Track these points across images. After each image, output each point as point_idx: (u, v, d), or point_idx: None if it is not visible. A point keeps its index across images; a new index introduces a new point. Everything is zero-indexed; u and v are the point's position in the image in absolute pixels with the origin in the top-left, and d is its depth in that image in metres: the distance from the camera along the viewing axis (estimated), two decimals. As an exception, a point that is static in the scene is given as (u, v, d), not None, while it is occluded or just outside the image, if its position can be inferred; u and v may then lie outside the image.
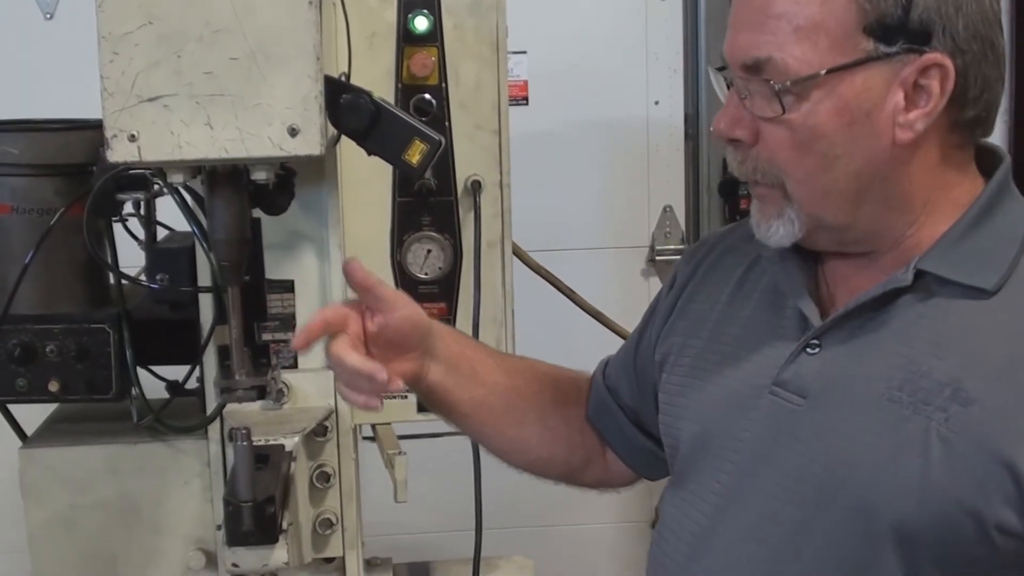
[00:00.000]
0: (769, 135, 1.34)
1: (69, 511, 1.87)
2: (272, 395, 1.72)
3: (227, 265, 1.59)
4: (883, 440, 1.29)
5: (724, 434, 1.45)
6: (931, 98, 1.30)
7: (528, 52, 3.33)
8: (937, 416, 1.27)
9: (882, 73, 1.30)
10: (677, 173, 3.56)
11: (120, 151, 1.44)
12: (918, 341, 1.32)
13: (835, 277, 1.45)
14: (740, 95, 1.35)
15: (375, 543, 2.18)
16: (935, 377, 1.29)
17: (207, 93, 1.44)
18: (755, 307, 1.50)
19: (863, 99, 1.30)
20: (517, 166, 2.03)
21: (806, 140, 1.32)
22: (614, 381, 1.74)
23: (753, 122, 1.35)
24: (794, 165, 1.34)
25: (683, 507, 1.49)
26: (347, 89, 1.56)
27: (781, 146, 1.33)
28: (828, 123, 1.31)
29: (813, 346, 1.39)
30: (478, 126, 1.97)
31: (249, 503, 1.53)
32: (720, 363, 1.50)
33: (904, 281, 1.33)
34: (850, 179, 1.33)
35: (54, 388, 1.83)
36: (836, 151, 1.32)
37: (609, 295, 3.18)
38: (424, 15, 1.93)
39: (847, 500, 1.31)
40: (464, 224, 1.98)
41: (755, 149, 1.36)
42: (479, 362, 1.65)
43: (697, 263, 1.63)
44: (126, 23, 1.42)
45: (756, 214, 1.41)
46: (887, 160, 1.32)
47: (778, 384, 1.40)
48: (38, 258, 1.81)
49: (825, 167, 1.33)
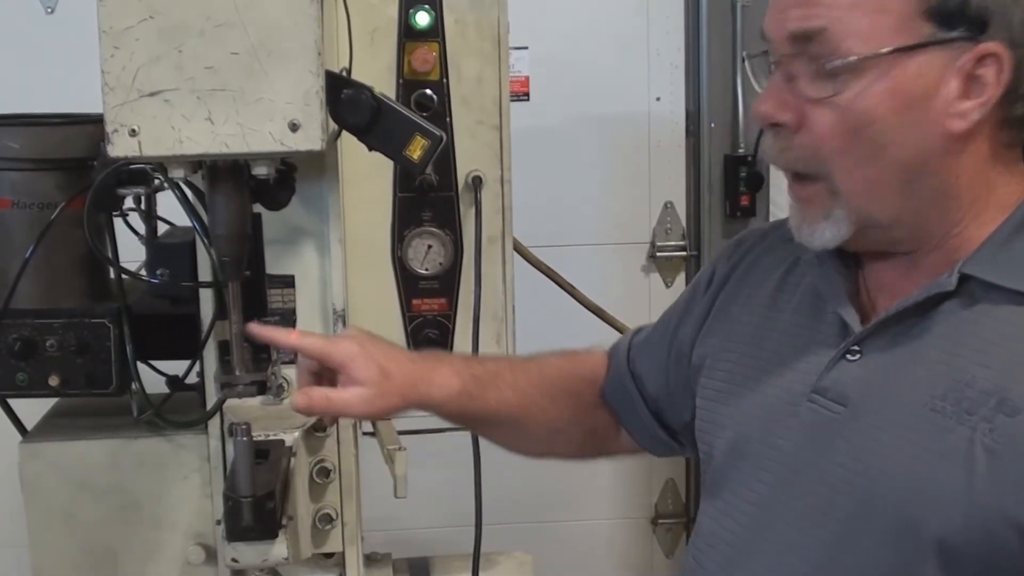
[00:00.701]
0: (816, 119, 1.28)
1: (69, 505, 1.86)
2: (272, 390, 1.72)
3: (228, 260, 1.59)
4: (926, 451, 1.24)
5: (761, 442, 1.41)
6: (986, 89, 1.25)
7: (529, 48, 3.33)
8: (982, 426, 1.21)
9: (939, 59, 1.25)
10: (678, 169, 3.56)
11: (121, 146, 1.44)
12: (962, 348, 1.26)
13: (876, 281, 1.40)
14: (785, 75, 1.30)
15: (375, 538, 2.18)
16: (980, 386, 1.23)
17: (208, 88, 1.43)
18: (794, 312, 1.46)
19: (918, 84, 1.25)
20: (518, 162, 2.03)
21: (856, 125, 1.26)
22: (640, 368, 1.71)
23: (799, 105, 1.29)
24: (842, 153, 1.28)
25: (719, 517, 1.46)
26: (348, 84, 1.55)
27: (829, 132, 1.28)
28: (881, 107, 1.25)
29: (854, 352, 1.34)
30: (479, 122, 1.97)
31: (249, 498, 1.53)
32: (758, 369, 1.46)
33: (948, 286, 1.28)
34: (899, 169, 1.28)
35: (54, 382, 1.82)
36: (887, 138, 1.26)
37: (610, 291, 3.19)
38: (425, 10, 1.93)
39: (888, 513, 1.26)
40: (465, 220, 1.98)
41: (799, 136, 1.30)
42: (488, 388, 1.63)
43: (736, 262, 1.60)
44: (127, 18, 1.42)
45: (797, 217, 1.36)
46: (938, 151, 1.27)
47: (817, 391, 1.36)
48: (38, 252, 1.81)
49: (874, 155, 1.27)
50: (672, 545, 3.72)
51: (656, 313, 3.59)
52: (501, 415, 1.65)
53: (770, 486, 1.39)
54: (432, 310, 2.00)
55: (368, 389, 1.47)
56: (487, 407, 1.62)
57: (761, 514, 1.39)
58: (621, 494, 3.61)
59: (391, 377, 1.50)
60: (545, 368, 1.72)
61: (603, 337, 3.08)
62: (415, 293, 1.99)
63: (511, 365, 1.71)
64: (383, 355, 1.51)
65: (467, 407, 1.60)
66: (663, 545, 3.72)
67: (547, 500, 3.15)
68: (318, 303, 1.84)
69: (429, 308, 2.00)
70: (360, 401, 1.48)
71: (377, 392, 1.48)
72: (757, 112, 1.32)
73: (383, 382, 1.48)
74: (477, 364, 1.68)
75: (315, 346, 1.51)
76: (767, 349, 1.47)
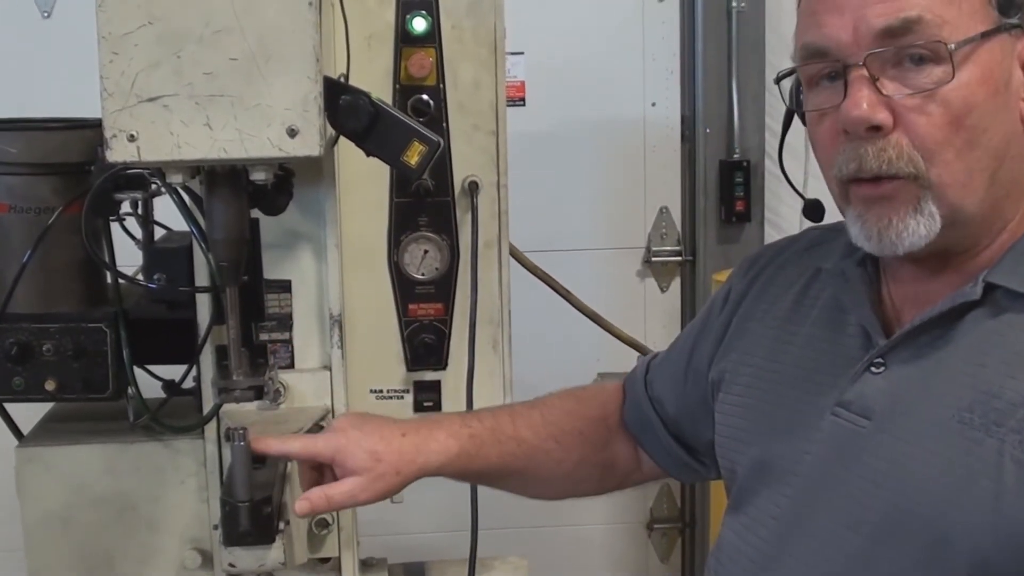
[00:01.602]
0: (917, 114, 1.24)
1: (65, 510, 1.86)
2: (269, 395, 1.72)
3: (225, 265, 1.59)
4: (954, 465, 1.21)
5: (784, 457, 1.39)
6: None
7: (526, 53, 3.34)
8: (1011, 438, 1.18)
9: (1008, 46, 1.26)
10: (673, 174, 3.57)
11: (119, 151, 1.44)
12: (989, 359, 1.24)
13: (902, 291, 1.37)
14: (872, 76, 1.25)
15: (371, 543, 2.18)
16: (1008, 397, 1.20)
17: (206, 93, 1.43)
18: (814, 324, 1.44)
19: (1002, 69, 1.25)
20: (514, 167, 2.03)
21: (960, 113, 1.23)
22: (658, 391, 1.70)
23: (889, 105, 1.25)
24: (946, 144, 1.24)
25: (742, 533, 1.44)
26: (346, 90, 1.56)
27: (933, 124, 1.24)
28: (979, 93, 1.24)
29: (878, 365, 1.32)
30: (476, 127, 1.97)
31: (246, 503, 1.53)
32: (779, 383, 1.44)
33: (972, 295, 1.26)
34: (990, 157, 1.26)
35: (51, 387, 1.82)
36: (984, 123, 1.24)
37: (605, 296, 3.20)
38: (422, 16, 1.93)
39: (917, 530, 1.23)
40: (461, 225, 1.98)
41: (894, 135, 1.25)
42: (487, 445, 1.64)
43: (753, 278, 1.58)
44: (126, 23, 1.42)
45: (878, 219, 1.29)
46: (1018, 137, 1.27)
47: (841, 405, 1.33)
48: (35, 257, 1.81)
49: (973, 144, 1.24)
50: (667, 550, 3.72)
51: (651, 318, 3.60)
52: (507, 469, 1.65)
53: (793, 501, 1.37)
54: (428, 315, 2.00)
55: (362, 477, 1.51)
56: (490, 464, 1.63)
57: (785, 529, 1.37)
58: (616, 499, 3.60)
59: (383, 459, 1.53)
60: (548, 413, 1.72)
61: (599, 342, 3.09)
62: (411, 298, 1.99)
63: (512, 415, 1.70)
64: (371, 438, 1.54)
65: (468, 467, 1.62)
66: (658, 550, 3.72)
67: (542, 505, 3.13)
68: (315, 308, 1.84)
69: (425, 313, 2.00)
70: (359, 490, 1.51)
71: (372, 477, 1.52)
72: (852, 117, 1.26)
73: (375, 466, 1.52)
74: (475, 421, 1.67)
75: (302, 449, 1.55)
76: (786, 363, 1.45)
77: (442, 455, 1.58)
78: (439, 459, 1.57)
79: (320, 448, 1.54)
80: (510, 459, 1.65)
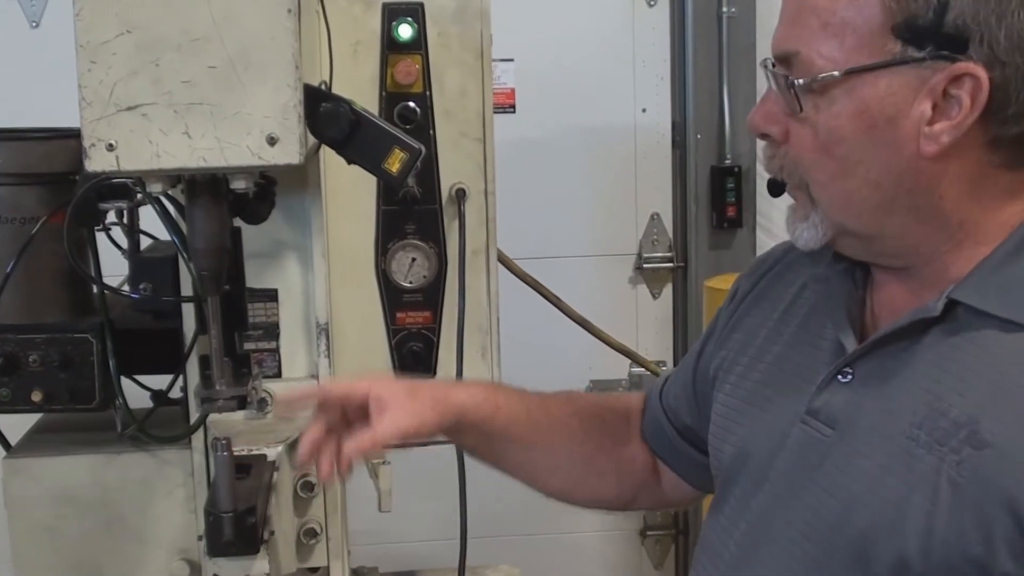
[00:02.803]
0: (795, 134, 1.30)
1: (53, 521, 1.86)
2: (254, 404, 1.71)
3: (207, 275, 1.58)
4: (895, 480, 1.21)
5: (759, 460, 1.40)
6: (960, 110, 1.21)
7: (515, 60, 3.34)
8: (950, 458, 1.18)
9: (908, 79, 1.22)
10: (664, 180, 3.57)
11: (98, 160, 1.43)
12: (944, 375, 1.23)
13: (880, 298, 1.38)
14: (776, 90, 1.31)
15: (361, 552, 2.18)
16: (952, 416, 1.19)
17: (185, 102, 1.43)
18: (799, 327, 1.45)
19: (886, 104, 1.23)
20: (504, 173, 2.02)
21: (827, 142, 1.27)
22: (672, 401, 1.69)
23: (784, 119, 1.31)
24: (816, 168, 1.29)
25: (720, 533, 1.45)
26: (327, 98, 1.55)
27: (805, 147, 1.29)
28: (847, 126, 1.25)
29: (845, 374, 1.32)
30: (463, 134, 1.97)
31: (230, 514, 1.53)
32: (762, 383, 1.45)
33: (933, 312, 1.25)
34: (871, 188, 1.27)
35: (37, 398, 1.82)
36: (856, 156, 1.26)
37: (596, 303, 3.19)
38: (408, 23, 1.93)
39: (852, 540, 1.24)
40: (449, 232, 1.98)
41: (784, 148, 1.32)
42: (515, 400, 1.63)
43: (760, 276, 1.58)
44: (104, 32, 1.41)
45: (788, 215, 1.38)
46: (911, 171, 1.25)
47: (810, 412, 1.34)
48: (20, 267, 1.80)
49: (846, 173, 1.27)
50: (661, 556, 3.71)
51: (643, 324, 3.60)
52: (530, 438, 1.64)
53: (763, 506, 1.38)
54: (416, 323, 1.99)
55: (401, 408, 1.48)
56: (516, 423, 1.61)
57: (754, 533, 1.38)
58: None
59: (418, 392, 1.52)
60: (575, 396, 1.74)
61: (589, 349, 3.09)
62: (399, 306, 1.99)
63: (539, 393, 1.70)
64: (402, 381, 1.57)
65: (494, 420, 1.59)
66: (652, 557, 3.71)
67: (534, 512, 3.12)
68: (301, 316, 1.84)
69: (413, 321, 1.99)
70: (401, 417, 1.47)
71: (412, 406, 1.49)
72: (749, 122, 1.36)
73: (412, 398, 1.50)
74: (504, 385, 1.71)
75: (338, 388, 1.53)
76: (770, 363, 1.46)
77: (473, 397, 1.58)
78: (471, 399, 1.57)
79: (355, 386, 1.51)
80: (534, 427, 1.63)
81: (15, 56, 3.16)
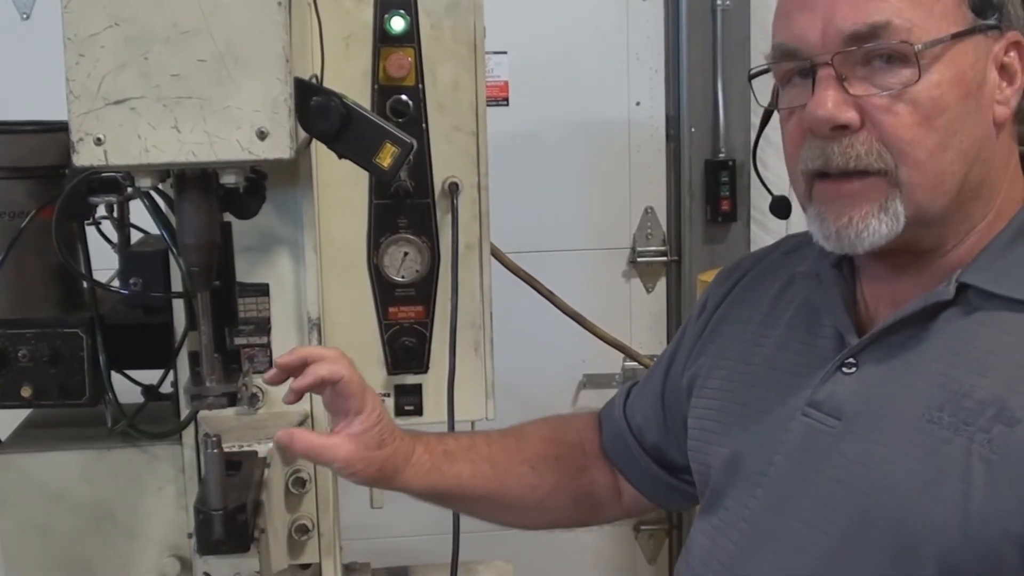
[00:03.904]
0: (884, 113, 1.25)
1: (43, 517, 1.85)
2: (244, 400, 1.70)
3: (196, 270, 1.57)
4: (922, 465, 1.21)
5: (755, 458, 1.38)
6: (1016, 76, 1.27)
7: (509, 52, 3.33)
8: (980, 437, 1.18)
9: (983, 47, 1.26)
10: (658, 174, 3.56)
11: (86, 155, 1.42)
12: (960, 358, 1.24)
13: (876, 291, 1.37)
14: (839, 76, 1.26)
15: (353, 547, 2.17)
16: (978, 396, 1.20)
17: (174, 95, 1.41)
18: (788, 326, 1.44)
19: (975, 70, 1.26)
20: (497, 167, 2.01)
21: (930, 113, 1.24)
22: (638, 418, 1.69)
23: (856, 104, 1.26)
24: (916, 144, 1.24)
25: (713, 535, 1.43)
26: (317, 91, 1.54)
27: (903, 124, 1.24)
28: (950, 94, 1.24)
29: (849, 365, 1.32)
30: (456, 127, 1.96)
31: (219, 511, 1.52)
32: (751, 384, 1.44)
33: (946, 295, 1.26)
34: (962, 159, 1.26)
35: (27, 393, 1.80)
36: (955, 126, 1.25)
37: (590, 297, 3.19)
38: (401, 15, 1.91)
39: (884, 530, 1.23)
40: (442, 226, 1.96)
41: (861, 134, 1.26)
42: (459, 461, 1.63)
43: (731, 285, 1.58)
44: (92, 24, 1.40)
45: (839, 216, 1.29)
46: (987, 139, 1.27)
47: (812, 405, 1.33)
48: (9, 262, 1.79)
49: (945, 145, 1.25)
50: (655, 551, 3.71)
51: (637, 318, 3.59)
52: (477, 490, 1.64)
53: (764, 503, 1.36)
54: (409, 318, 1.98)
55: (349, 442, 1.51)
56: (461, 482, 1.62)
57: (756, 531, 1.36)
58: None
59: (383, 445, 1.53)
60: (524, 438, 1.72)
61: (582, 343, 3.08)
62: (391, 301, 1.97)
63: (487, 439, 1.69)
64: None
65: (439, 484, 1.60)
66: (645, 552, 3.71)
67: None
68: (293, 311, 1.82)
69: (406, 316, 1.98)
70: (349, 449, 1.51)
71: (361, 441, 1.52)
72: (817, 116, 1.26)
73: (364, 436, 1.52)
74: (451, 440, 1.67)
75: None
76: (759, 365, 1.45)
77: (415, 468, 1.58)
78: (413, 472, 1.58)
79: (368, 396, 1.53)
80: (482, 480, 1.64)
81: (5, 48, 3.15)
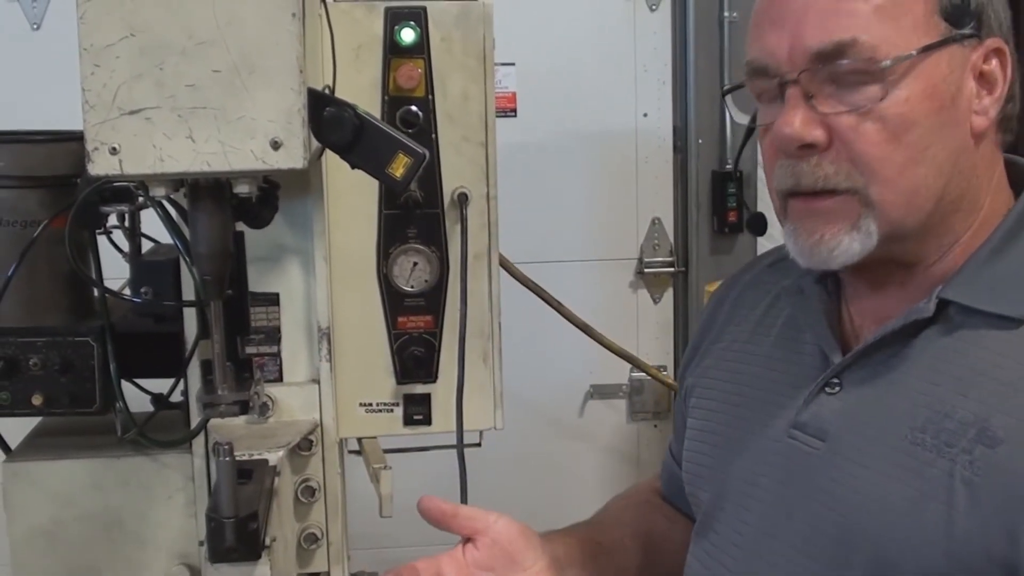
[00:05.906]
0: (852, 131, 1.23)
1: (52, 525, 1.85)
2: (255, 409, 1.70)
3: (209, 279, 1.58)
4: (905, 487, 1.20)
5: (742, 481, 1.38)
6: (996, 84, 1.25)
7: (517, 64, 3.34)
8: (962, 459, 1.17)
9: (958, 57, 1.24)
10: (666, 185, 3.57)
11: (101, 164, 1.43)
12: (942, 377, 1.22)
13: (859, 307, 1.36)
14: (806, 94, 1.24)
15: (362, 557, 2.17)
16: (959, 417, 1.18)
17: (189, 106, 1.42)
18: (774, 344, 1.43)
19: (949, 82, 1.23)
20: (505, 178, 2.02)
21: (898, 130, 1.22)
22: (676, 448, 1.68)
23: (824, 122, 1.24)
24: (884, 161, 1.23)
25: (705, 559, 1.42)
26: (330, 102, 1.54)
27: (870, 141, 1.23)
28: (919, 109, 1.22)
29: (833, 385, 1.31)
30: (465, 138, 1.96)
31: (231, 519, 1.52)
32: (739, 406, 1.43)
33: (926, 312, 1.25)
34: (936, 174, 1.24)
35: (37, 401, 1.81)
36: (927, 140, 1.23)
37: (597, 307, 3.19)
38: (411, 27, 1.92)
39: (867, 553, 1.21)
40: (451, 236, 1.97)
41: (829, 153, 1.24)
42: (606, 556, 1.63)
43: (721, 302, 1.57)
44: (108, 35, 1.40)
45: (811, 235, 1.28)
46: (965, 151, 1.25)
47: (796, 427, 1.32)
48: (21, 270, 1.79)
49: (916, 160, 1.23)
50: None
51: (643, 329, 3.59)
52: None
53: (754, 527, 1.35)
54: (418, 327, 1.99)
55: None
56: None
57: (748, 556, 1.36)
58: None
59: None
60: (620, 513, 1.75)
61: (590, 354, 3.09)
62: (400, 310, 1.98)
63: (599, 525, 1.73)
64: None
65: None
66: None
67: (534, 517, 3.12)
68: (303, 321, 1.83)
69: (415, 325, 1.98)
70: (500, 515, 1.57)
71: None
72: (784, 135, 1.25)
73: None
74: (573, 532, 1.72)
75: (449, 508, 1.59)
76: (746, 384, 1.44)
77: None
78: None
79: (500, 525, 1.61)
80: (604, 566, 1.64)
81: (16, 58, 3.16)
